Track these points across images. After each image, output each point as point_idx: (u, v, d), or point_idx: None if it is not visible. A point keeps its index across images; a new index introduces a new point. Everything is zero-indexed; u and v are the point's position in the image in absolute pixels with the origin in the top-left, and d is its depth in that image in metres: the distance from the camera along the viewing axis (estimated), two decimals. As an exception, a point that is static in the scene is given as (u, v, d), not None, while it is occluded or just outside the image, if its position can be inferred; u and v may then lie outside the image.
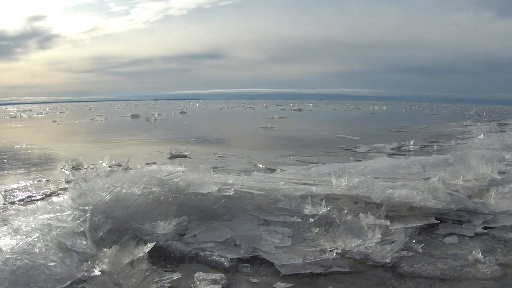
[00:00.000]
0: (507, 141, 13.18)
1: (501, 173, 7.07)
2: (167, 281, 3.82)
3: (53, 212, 4.64)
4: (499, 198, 6.03)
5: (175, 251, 4.58)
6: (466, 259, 4.27)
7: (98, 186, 5.24)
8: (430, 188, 5.98)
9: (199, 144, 15.13)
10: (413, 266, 4.16)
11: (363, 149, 13.36)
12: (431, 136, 18.42)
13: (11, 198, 6.83)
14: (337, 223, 5.19)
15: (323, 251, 4.50)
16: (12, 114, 48.64)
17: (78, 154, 11.22)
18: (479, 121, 31.45)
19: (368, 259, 4.35)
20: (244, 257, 4.42)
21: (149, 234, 4.79)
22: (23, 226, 4.19)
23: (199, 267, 4.23)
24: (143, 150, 13.53)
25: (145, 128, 24.64)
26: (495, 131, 20.15)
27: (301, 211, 5.44)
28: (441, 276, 3.94)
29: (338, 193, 5.93)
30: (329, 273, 4.07)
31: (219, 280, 3.81)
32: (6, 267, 3.47)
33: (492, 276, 3.92)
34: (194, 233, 4.96)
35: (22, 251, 3.69)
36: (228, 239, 4.83)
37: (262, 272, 4.14)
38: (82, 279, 3.72)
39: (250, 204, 5.60)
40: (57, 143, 16.02)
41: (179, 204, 5.38)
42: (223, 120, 36.66)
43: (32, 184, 8.02)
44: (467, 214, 5.59)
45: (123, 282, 3.75)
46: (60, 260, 3.76)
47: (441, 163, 8.56)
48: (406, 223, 5.20)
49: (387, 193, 5.67)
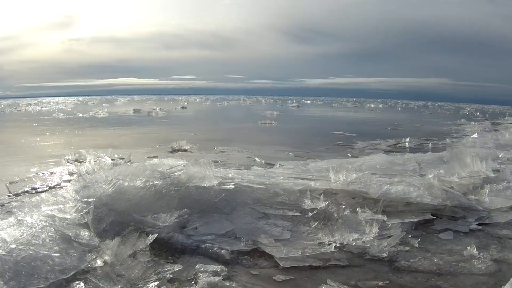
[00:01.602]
0: (500, 140, 13.16)
1: (495, 171, 7.04)
2: (169, 273, 3.80)
3: (57, 204, 4.61)
4: (493, 195, 6.01)
5: (176, 243, 4.56)
6: (462, 255, 4.26)
7: (101, 179, 5.22)
8: (426, 184, 5.96)
9: (199, 138, 15.07)
10: (410, 260, 4.15)
11: (360, 146, 13.33)
12: (426, 134, 18.41)
13: (16, 190, 6.79)
14: (335, 217, 5.18)
15: (322, 245, 4.48)
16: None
17: (81, 147, 11.18)
18: (473, 120, 31.42)
19: (366, 253, 4.34)
20: (244, 250, 4.41)
21: (151, 226, 4.77)
22: (27, 218, 4.15)
23: (200, 259, 4.21)
24: (145, 144, 13.47)
25: (147, 122, 24.57)
26: (489, 130, 20.14)
27: (300, 205, 5.43)
28: (437, 271, 3.93)
29: (336, 188, 5.91)
30: (327, 266, 4.06)
31: (220, 272, 3.79)
32: (10, 257, 3.44)
33: (487, 271, 3.91)
34: (195, 226, 4.93)
35: (26, 242, 3.66)
36: (228, 231, 4.81)
37: (262, 264, 4.12)
38: (85, 270, 3.70)
39: (250, 198, 5.58)
40: (60, 136, 15.98)
41: (180, 197, 5.35)
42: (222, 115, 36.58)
43: (36, 176, 7.98)
44: (462, 211, 5.57)
45: (126, 273, 3.73)
46: (63, 251, 3.74)
47: (436, 160, 8.52)
48: (402, 218, 5.18)
49: (384, 188, 5.66)
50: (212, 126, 21.98)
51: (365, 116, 37.77)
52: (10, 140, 14.47)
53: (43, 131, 17.79)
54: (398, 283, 3.72)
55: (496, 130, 19.69)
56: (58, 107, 46.47)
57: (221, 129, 20.65)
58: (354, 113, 42.16)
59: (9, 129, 20.11)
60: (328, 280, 3.68)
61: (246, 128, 21.41)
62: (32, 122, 23.52)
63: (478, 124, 24.65)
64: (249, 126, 22.84)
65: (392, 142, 14.32)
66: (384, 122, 27.71)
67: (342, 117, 34.41)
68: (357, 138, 15.47)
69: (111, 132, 18.01)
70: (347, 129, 19.68)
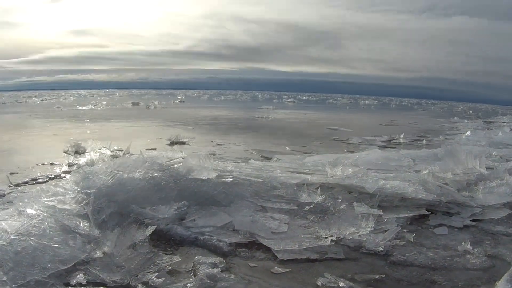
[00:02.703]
0: (493, 138, 13.19)
1: (488, 168, 7.06)
2: (168, 264, 3.78)
3: (57, 195, 4.56)
4: (487, 192, 6.01)
5: (175, 235, 4.53)
6: (456, 250, 4.26)
7: (100, 171, 5.17)
8: (421, 180, 5.95)
9: (197, 131, 15.01)
10: (405, 255, 4.14)
11: (355, 141, 13.32)
12: (420, 131, 18.43)
13: (16, 181, 6.73)
14: (331, 211, 5.17)
15: (319, 238, 4.47)
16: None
17: (81, 138, 11.09)
18: (466, 118, 31.47)
19: (362, 246, 4.33)
20: (242, 242, 4.39)
21: (150, 218, 4.74)
22: (28, 208, 4.10)
23: (198, 250, 4.19)
24: (143, 136, 13.40)
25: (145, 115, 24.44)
26: (482, 128, 20.19)
27: (297, 199, 5.42)
28: (432, 265, 3.93)
29: (332, 183, 5.90)
30: (324, 259, 4.05)
31: (218, 263, 3.77)
32: (11, 248, 3.40)
33: (481, 266, 3.92)
34: (193, 218, 4.90)
35: (26, 233, 3.62)
36: (226, 224, 4.79)
37: (260, 256, 4.10)
38: (85, 261, 3.66)
39: (248, 191, 5.56)
40: (61, 127, 15.87)
41: (179, 189, 5.32)
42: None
43: (36, 167, 7.92)
44: (456, 207, 5.57)
45: (125, 264, 3.70)
46: (63, 242, 3.70)
47: (430, 156, 8.52)
48: (398, 213, 5.18)
49: (380, 184, 5.64)
50: (210, 120, 21.89)
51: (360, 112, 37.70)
52: (8, 132, 14.34)
53: (44, 123, 17.68)
54: (394, 276, 3.72)
55: (489, 129, 19.73)
56: (58, 100, 46.18)
57: (219, 123, 20.57)
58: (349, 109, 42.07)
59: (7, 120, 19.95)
60: (325, 273, 3.67)
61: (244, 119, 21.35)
62: (34, 114, 23.36)
63: (471, 122, 24.73)
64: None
65: (387, 138, 14.32)
66: (379, 118, 27.70)
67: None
68: (352, 134, 15.44)
69: (110, 124, 17.89)
70: (342, 124, 19.66)
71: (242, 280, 3.56)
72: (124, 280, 3.50)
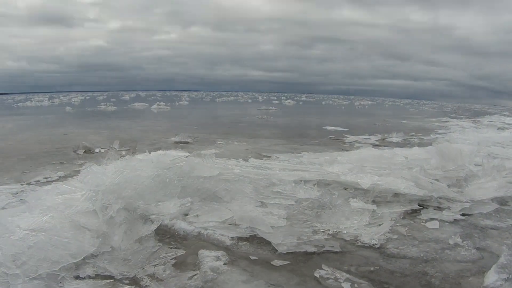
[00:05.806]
0: (480, 136, 13.19)
1: (477, 165, 7.04)
2: (173, 257, 3.78)
3: (67, 193, 4.55)
4: (476, 188, 5.99)
5: (179, 230, 4.53)
6: (447, 243, 4.25)
7: (109, 169, 5.16)
8: (413, 177, 5.94)
9: (200, 132, 15.00)
10: (399, 247, 4.14)
11: (350, 140, 13.31)
12: (412, 129, 18.41)
13: (28, 179, 6.73)
14: (328, 206, 5.15)
15: (316, 232, 4.47)
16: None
17: (90, 139, 11.10)
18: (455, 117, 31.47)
19: (357, 240, 4.32)
20: (243, 236, 4.39)
21: (156, 213, 4.74)
22: (39, 205, 4.10)
23: (202, 244, 4.19)
24: (149, 136, 13.39)
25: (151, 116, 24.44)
26: (470, 127, 20.18)
27: (295, 195, 5.39)
28: (424, 258, 3.92)
29: (329, 179, 5.88)
30: (321, 252, 4.04)
31: (221, 257, 3.77)
32: (23, 243, 3.40)
33: (470, 258, 3.91)
34: (197, 214, 4.90)
35: (38, 228, 3.61)
36: (228, 219, 4.78)
37: (260, 250, 4.10)
38: (93, 254, 3.66)
39: (248, 188, 5.54)
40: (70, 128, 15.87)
41: (183, 187, 5.32)
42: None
43: (47, 166, 7.92)
44: (447, 202, 5.55)
45: (132, 258, 3.71)
46: (73, 237, 3.69)
47: (422, 154, 8.49)
48: (391, 208, 5.18)
49: (374, 180, 5.63)
50: (213, 120, 21.89)
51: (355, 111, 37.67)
52: (21, 131, 14.33)
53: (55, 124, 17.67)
54: (388, 268, 3.71)
55: (477, 128, 19.71)
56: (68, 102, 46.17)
57: (221, 122, 20.57)
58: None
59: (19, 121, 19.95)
60: (323, 265, 3.67)
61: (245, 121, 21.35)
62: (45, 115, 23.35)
63: (460, 121, 24.72)
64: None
65: (380, 137, 14.31)
66: (373, 118, 27.68)
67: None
68: (347, 133, 15.43)
69: (117, 124, 17.88)
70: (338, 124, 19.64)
71: (244, 272, 3.56)
72: (130, 272, 3.50)
